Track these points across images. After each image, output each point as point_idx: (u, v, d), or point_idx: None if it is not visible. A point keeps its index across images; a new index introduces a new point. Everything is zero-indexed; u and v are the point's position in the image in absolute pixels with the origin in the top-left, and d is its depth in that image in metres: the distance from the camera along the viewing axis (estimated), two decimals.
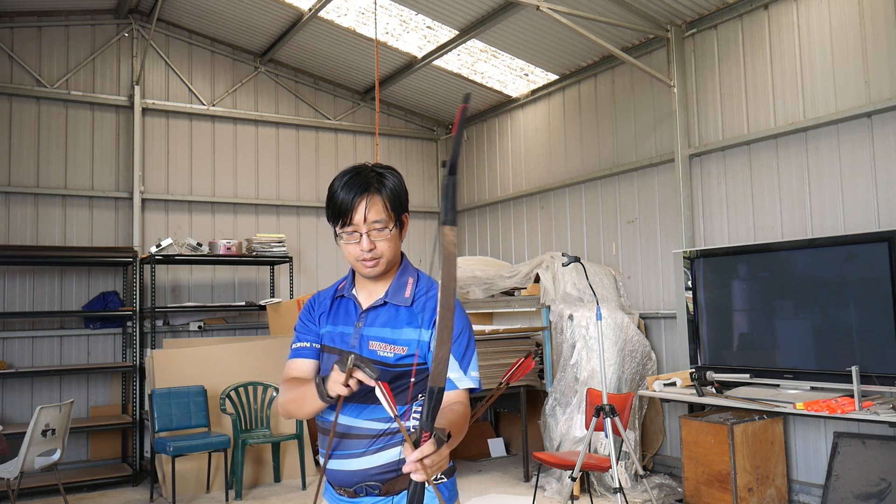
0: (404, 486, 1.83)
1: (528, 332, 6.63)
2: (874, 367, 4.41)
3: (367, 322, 1.89)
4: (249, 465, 6.40)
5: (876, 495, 4.48)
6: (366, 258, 1.84)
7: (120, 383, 7.18)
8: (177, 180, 7.82)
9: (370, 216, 1.82)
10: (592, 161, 7.26)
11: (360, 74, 8.42)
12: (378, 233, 1.84)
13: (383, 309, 1.90)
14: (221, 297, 7.91)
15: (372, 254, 1.84)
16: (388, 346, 1.84)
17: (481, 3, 6.52)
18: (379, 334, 1.86)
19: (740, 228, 5.82)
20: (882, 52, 4.91)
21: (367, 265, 1.85)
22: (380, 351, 1.84)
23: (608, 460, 4.70)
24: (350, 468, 1.85)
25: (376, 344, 1.85)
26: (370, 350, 1.85)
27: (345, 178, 1.86)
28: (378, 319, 1.88)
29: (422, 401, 1.80)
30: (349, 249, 1.86)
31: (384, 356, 1.83)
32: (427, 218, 9.35)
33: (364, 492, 1.86)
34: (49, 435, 5.02)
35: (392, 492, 1.84)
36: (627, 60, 6.14)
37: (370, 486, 1.85)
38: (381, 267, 1.87)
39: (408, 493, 1.50)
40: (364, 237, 1.83)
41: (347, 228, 1.84)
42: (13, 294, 6.96)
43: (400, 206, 1.88)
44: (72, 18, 7.39)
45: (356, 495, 1.87)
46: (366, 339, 1.87)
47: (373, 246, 1.83)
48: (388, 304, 1.89)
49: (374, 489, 1.85)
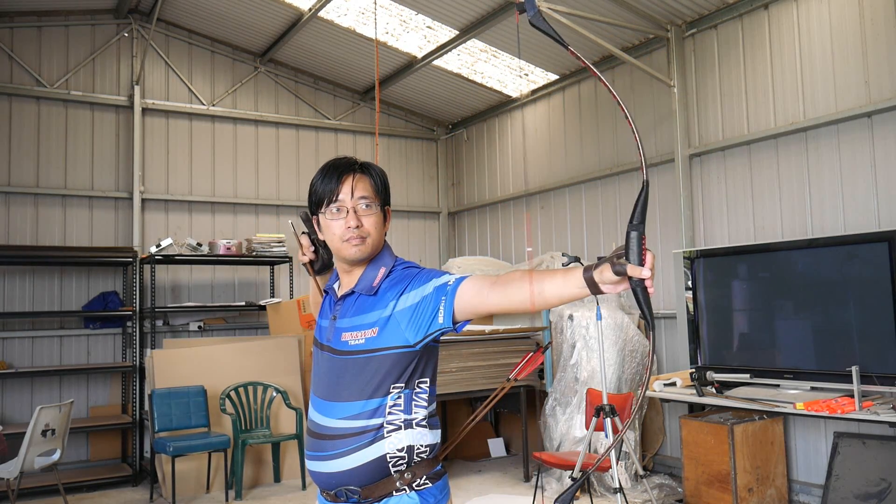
0: (386, 492, 1.75)
1: (528, 332, 6.63)
2: (874, 367, 4.41)
3: (341, 314, 1.84)
4: (249, 466, 6.40)
5: (876, 495, 4.48)
6: (352, 236, 1.78)
7: (120, 383, 7.18)
8: (177, 180, 7.82)
9: (357, 192, 1.80)
10: (592, 161, 7.26)
11: (360, 74, 8.42)
12: (365, 209, 1.80)
13: (351, 298, 1.84)
14: (221, 297, 7.91)
15: (359, 231, 1.78)
16: (357, 332, 1.78)
17: (481, 3, 6.52)
18: (350, 324, 1.80)
19: (740, 228, 5.82)
20: (882, 52, 4.91)
21: (353, 243, 1.78)
22: (350, 340, 1.78)
23: (608, 460, 4.70)
24: (328, 470, 1.78)
25: (347, 335, 1.79)
26: (342, 342, 1.80)
27: (328, 164, 1.86)
28: (350, 310, 1.83)
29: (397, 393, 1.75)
30: (334, 228, 1.79)
31: (355, 345, 1.77)
32: (427, 218, 9.35)
33: (344, 496, 1.78)
34: (49, 435, 5.02)
35: (372, 496, 1.75)
36: (627, 60, 6.14)
37: (350, 490, 1.77)
38: (367, 248, 1.80)
39: (640, 302, 1.43)
40: (351, 212, 1.78)
41: (332, 206, 1.80)
42: (13, 294, 6.96)
43: (385, 193, 1.87)
44: (71, 18, 7.39)
45: (337, 499, 1.80)
46: (338, 331, 1.82)
47: (359, 222, 1.78)
48: (356, 293, 1.83)
49: (354, 493, 1.77)
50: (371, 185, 1.83)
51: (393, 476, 1.75)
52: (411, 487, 1.76)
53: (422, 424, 1.79)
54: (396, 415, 1.76)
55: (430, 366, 1.83)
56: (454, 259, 8.18)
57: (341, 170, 1.82)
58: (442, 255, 9.30)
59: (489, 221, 8.81)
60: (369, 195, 1.81)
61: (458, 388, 6.23)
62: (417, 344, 1.74)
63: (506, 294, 1.60)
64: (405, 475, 1.75)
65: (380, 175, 1.87)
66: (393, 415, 1.76)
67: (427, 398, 1.81)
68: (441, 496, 1.80)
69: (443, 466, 1.85)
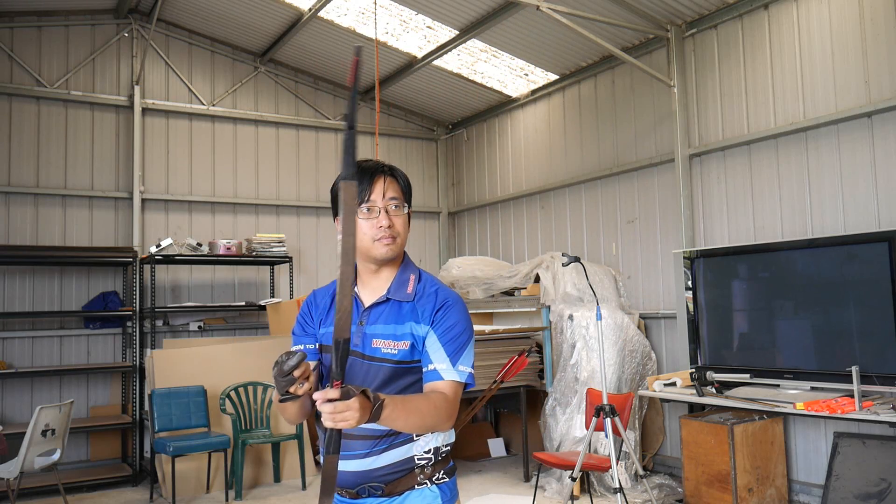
0: (408, 486, 1.82)
1: (528, 332, 6.63)
2: (874, 367, 4.41)
3: (370, 320, 1.85)
4: (249, 466, 6.40)
5: (876, 495, 4.48)
6: (384, 235, 1.81)
7: (120, 383, 7.18)
8: (177, 180, 7.82)
9: (388, 193, 1.84)
10: (592, 161, 7.26)
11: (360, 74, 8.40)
12: (396, 209, 1.84)
13: (386, 306, 1.86)
14: (221, 297, 7.91)
15: (391, 231, 1.82)
16: (391, 342, 1.81)
17: (481, 3, 6.52)
18: (383, 332, 1.83)
19: (740, 228, 5.82)
20: (882, 52, 4.91)
21: (384, 242, 1.82)
22: (383, 348, 1.81)
23: (608, 460, 4.70)
24: (353, 469, 1.82)
25: (379, 342, 1.82)
26: (373, 348, 1.82)
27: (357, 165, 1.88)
28: (381, 317, 1.85)
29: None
30: (365, 228, 1.82)
31: (388, 353, 1.81)
32: (427, 218, 9.35)
33: (367, 493, 1.83)
34: (49, 435, 5.02)
35: (395, 492, 1.82)
36: (627, 60, 6.14)
37: (373, 487, 1.82)
38: (397, 247, 1.85)
39: (324, 438, 1.49)
40: (383, 212, 1.82)
41: (364, 206, 1.82)
42: (13, 294, 6.96)
43: (409, 195, 1.92)
44: (72, 18, 7.39)
45: (358, 496, 1.84)
46: (369, 337, 1.83)
47: (391, 222, 1.83)
48: (391, 300, 1.86)
49: (377, 490, 1.82)
50: (400, 187, 1.88)
51: (415, 472, 1.83)
52: (431, 481, 1.84)
53: None
54: None
55: None
56: (454, 259, 8.18)
57: (373, 171, 1.85)
58: (442, 255, 9.30)
59: (489, 221, 8.81)
60: (399, 196, 1.86)
61: None
62: None
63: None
64: (426, 470, 1.84)
65: (404, 178, 1.92)
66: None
67: None
68: (455, 491, 1.91)
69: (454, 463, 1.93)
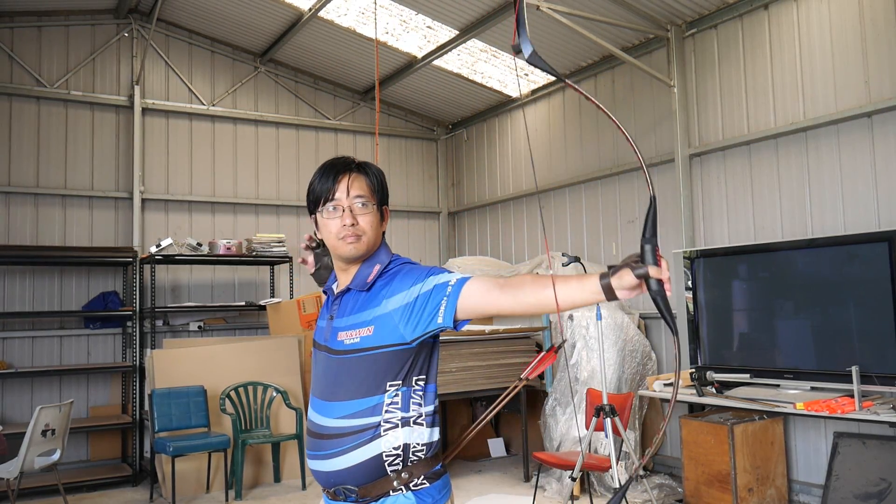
0: (383, 491, 1.75)
1: (528, 332, 6.62)
2: (874, 367, 4.41)
3: (338, 313, 1.84)
4: (249, 466, 6.40)
5: (876, 495, 4.48)
6: (348, 234, 1.79)
7: (120, 383, 7.18)
8: (177, 180, 7.82)
9: (353, 191, 1.81)
10: (592, 161, 7.26)
11: (360, 74, 8.42)
12: (361, 208, 1.81)
13: (348, 296, 1.84)
14: (221, 297, 7.91)
15: (354, 229, 1.79)
16: (352, 331, 1.78)
17: (481, 3, 6.52)
18: (346, 323, 1.80)
19: (740, 228, 5.82)
20: (882, 52, 4.91)
21: (348, 241, 1.79)
22: (346, 340, 1.78)
23: (608, 460, 4.70)
24: (326, 469, 1.79)
25: (343, 334, 1.79)
26: (338, 341, 1.80)
27: (326, 163, 1.88)
28: (346, 308, 1.83)
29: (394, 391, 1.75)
30: (330, 227, 1.81)
31: (351, 344, 1.77)
32: (427, 218, 9.35)
33: (342, 495, 1.79)
34: (49, 435, 5.02)
35: (369, 496, 1.75)
36: (627, 60, 6.14)
37: (347, 489, 1.78)
38: (362, 245, 1.81)
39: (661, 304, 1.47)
40: (346, 210, 1.80)
41: (329, 205, 1.81)
42: (13, 294, 6.96)
43: (382, 192, 1.88)
44: (72, 18, 7.39)
45: (336, 498, 1.80)
46: (335, 330, 1.82)
47: (355, 220, 1.80)
48: (352, 290, 1.84)
49: (351, 492, 1.77)
50: (367, 185, 1.85)
51: (390, 476, 1.75)
52: (408, 487, 1.76)
53: (419, 422, 1.78)
54: (394, 413, 1.76)
55: (429, 363, 1.83)
56: (454, 259, 8.18)
57: (338, 169, 1.84)
58: (442, 255, 9.30)
59: (489, 221, 8.81)
60: (365, 194, 1.83)
61: (458, 389, 6.23)
62: (413, 341, 1.74)
63: (517, 298, 1.61)
64: (402, 475, 1.75)
65: (377, 175, 1.88)
66: (390, 413, 1.76)
67: (425, 396, 1.81)
68: (440, 496, 1.79)
69: (443, 466, 1.84)
